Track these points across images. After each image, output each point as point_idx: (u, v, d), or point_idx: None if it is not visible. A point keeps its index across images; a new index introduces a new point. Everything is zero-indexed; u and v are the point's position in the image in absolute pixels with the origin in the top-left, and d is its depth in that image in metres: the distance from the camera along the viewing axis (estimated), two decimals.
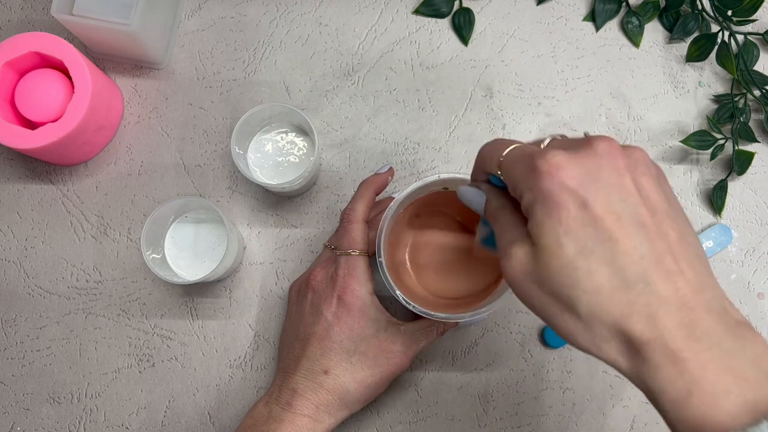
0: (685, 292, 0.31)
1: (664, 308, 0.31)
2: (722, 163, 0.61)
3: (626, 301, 0.31)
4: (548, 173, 0.32)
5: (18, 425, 0.58)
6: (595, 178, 0.32)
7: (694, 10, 0.62)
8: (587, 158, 0.33)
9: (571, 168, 0.32)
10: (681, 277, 0.32)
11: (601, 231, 0.31)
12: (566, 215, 0.32)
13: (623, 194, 0.32)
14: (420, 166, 0.61)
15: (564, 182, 0.32)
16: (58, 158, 0.59)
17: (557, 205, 0.32)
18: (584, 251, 0.31)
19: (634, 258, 0.31)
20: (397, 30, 0.63)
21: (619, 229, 0.31)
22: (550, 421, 0.58)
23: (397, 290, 0.49)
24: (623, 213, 0.32)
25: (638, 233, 0.32)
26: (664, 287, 0.31)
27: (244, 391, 0.58)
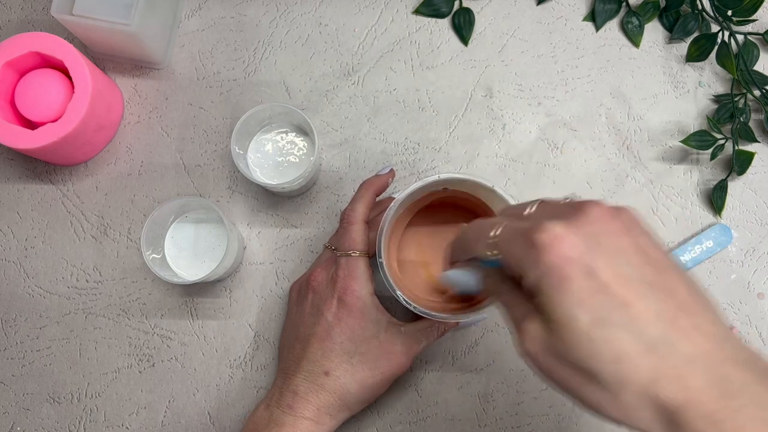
0: (707, 348, 0.30)
1: (691, 367, 0.30)
2: (722, 163, 0.61)
3: (651, 366, 0.30)
4: (549, 247, 0.31)
5: (18, 425, 0.58)
6: (596, 244, 0.31)
7: (694, 10, 0.62)
8: (583, 224, 0.32)
9: (571, 237, 0.31)
10: (699, 332, 0.31)
11: (613, 297, 0.30)
12: (575, 287, 0.31)
13: (626, 256, 0.32)
14: (420, 166, 0.61)
15: (567, 253, 0.31)
16: (58, 158, 0.59)
17: (564, 277, 0.31)
18: (599, 320, 0.30)
19: (650, 319, 0.30)
20: (397, 30, 0.63)
21: (630, 293, 0.31)
22: (550, 421, 0.58)
23: (397, 290, 0.49)
24: (631, 275, 0.31)
25: (648, 293, 0.31)
26: (686, 345, 0.30)
27: (244, 391, 0.58)
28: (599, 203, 0.33)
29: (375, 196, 0.54)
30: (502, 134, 0.62)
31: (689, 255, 0.59)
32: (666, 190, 0.61)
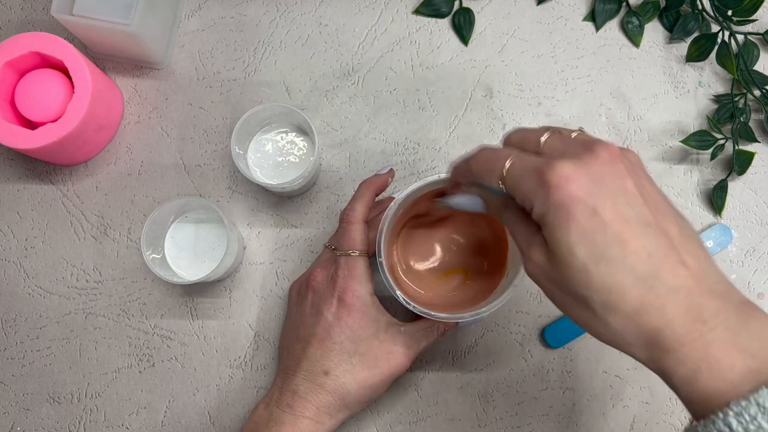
0: (690, 282, 0.34)
1: (671, 298, 0.33)
2: (722, 163, 0.61)
3: (638, 297, 0.33)
4: (557, 186, 0.34)
5: (18, 425, 0.58)
6: (601, 185, 0.34)
7: (694, 10, 0.62)
8: (591, 165, 0.34)
9: (579, 178, 0.34)
10: (684, 267, 0.34)
11: (611, 235, 0.33)
12: (577, 224, 0.34)
13: (628, 197, 0.34)
14: (420, 166, 0.61)
15: (574, 193, 0.34)
16: (58, 158, 0.59)
17: (568, 215, 0.34)
18: (596, 255, 0.33)
19: (642, 257, 0.33)
20: (397, 30, 0.63)
21: (627, 231, 0.34)
22: (550, 421, 0.58)
23: (397, 290, 0.48)
24: (630, 215, 0.34)
25: (645, 233, 0.34)
26: (671, 279, 0.33)
27: (244, 391, 0.58)
28: (608, 145, 0.35)
29: (374, 195, 0.54)
30: (502, 134, 0.62)
31: None
32: (666, 190, 0.61)
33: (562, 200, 0.34)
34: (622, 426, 0.58)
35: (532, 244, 0.37)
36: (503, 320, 0.59)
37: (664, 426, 0.58)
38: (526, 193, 0.36)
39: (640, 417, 0.58)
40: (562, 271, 0.35)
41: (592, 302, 0.34)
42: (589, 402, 0.58)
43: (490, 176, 0.38)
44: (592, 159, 0.35)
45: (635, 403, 0.58)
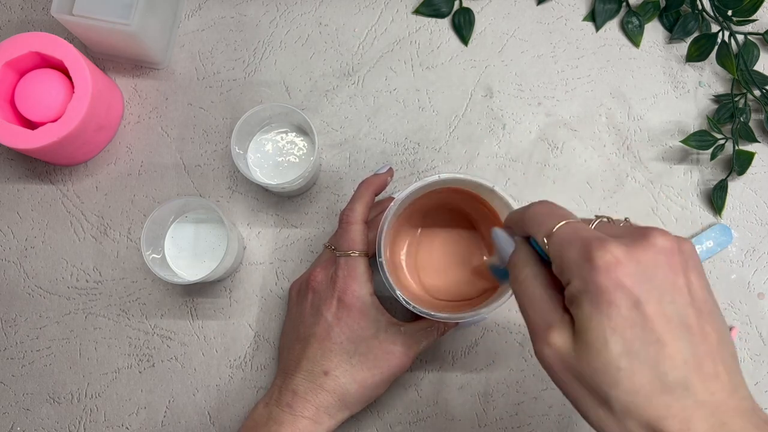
0: (720, 396, 0.31)
1: (699, 413, 0.31)
2: (722, 163, 0.61)
3: (664, 404, 0.31)
4: (605, 268, 0.31)
5: (18, 425, 0.58)
6: (650, 277, 0.32)
7: (694, 10, 0.62)
8: (644, 253, 0.32)
9: (629, 265, 0.32)
10: (717, 380, 0.32)
11: (650, 333, 0.31)
12: (617, 313, 0.31)
13: (675, 295, 0.32)
14: (420, 166, 0.61)
15: (620, 280, 0.31)
16: (58, 158, 0.59)
17: (609, 302, 0.31)
18: (630, 352, 0.31)
19: (677, 362, 0.31)
20: (397, 30, 0.63)
21: (667, 332, 0.31)
22: (550, 421, 0.58)
23: (397, 290, 0.48)
24: (673, 315, 0.32)
25: (684, 336, 0.32)
26: (701, 391, 0.31)
27: (244, 391, 0.58)
28: (665, 233, 0.33)
29: (374, 195, 0.54)
30: (502, 134, 0.62)
31: None
32: (666, 190, 0.61)
33: (606, 284, 0.31)
34: None
35: (554, 325, 0.34)
36: (503, 320, 0.59)
37: None
38: (567, 263, 0.33)
39: None
40: (588, 362, 0.32)
41: (613, 401, 0.31)
42: None
43: (538, 227, 0.36)
44: (647, 246, 0.32)
45: None
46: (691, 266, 0.33)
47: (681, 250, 0.33)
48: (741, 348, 0.59)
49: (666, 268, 0.32)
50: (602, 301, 0.31)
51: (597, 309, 0.31)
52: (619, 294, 0.31)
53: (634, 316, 0.31)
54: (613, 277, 0.31)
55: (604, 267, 0.32)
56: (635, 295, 0.31)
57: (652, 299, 0.31)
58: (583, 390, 0.33)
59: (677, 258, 0.33)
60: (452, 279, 0.55)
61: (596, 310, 0.32)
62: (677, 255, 0.33)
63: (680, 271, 0.33)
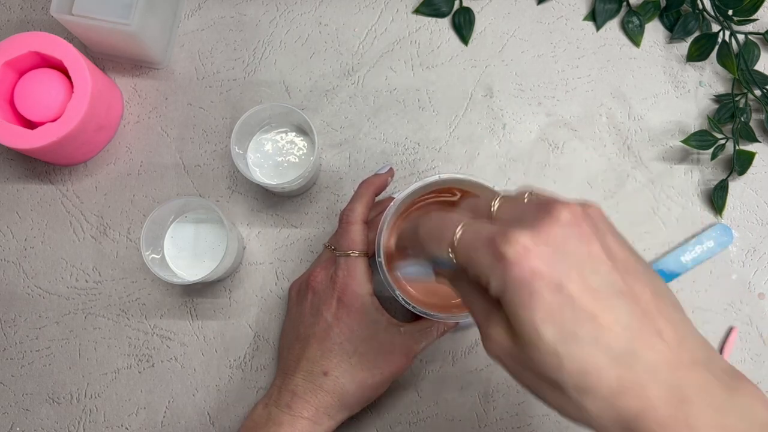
0: (668, 354, 0.30)
1: (651, 376, 0.30)
2: (723, 163, 0.61)
3: (615, 377, 0.30)
4: (516, 261, 0.30)
5: (18, 425, 0.58)
6: (564, 254, 0.30)
7: (695, 10, 0.62)
8: (551, 231, 0.31)
9: (539, 250, 0.30)
10: (661, 338, 0.31)
11: (580, 311, 0.30)
12: (541, 302, 0.30)
13: (595, 264, 0.31)
14: (420, 166, 0.61)
15: (535, 267, 0.30)
16: (57, 158, 0.59)
17: (531, 293, 0.30)
18: (566, 335, 0.30)
19: (617, 332, 0.30)
20: (397, 30, 0.63)
21: (597, 305, 0.30)
22: (550, 421, 0.58)
23: (396, 290, 0.48)
24: (599, 285, 0.30)
25: (617, 304, 0.30)
26: (649, 354, 0.30)
27: (244, 391, 0.58)
28: (567, 205, 0.32)
29: (374, 195, 0.54)
30: (502, 134, 0.62)
31: (690, 255, 0.59)
32: (667, 190, 0.61)
33: (522, 276, 0.30)
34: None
35: (491, 322, 0.33)
36: None
37: None
38: (480, 268, 0.32)
39: None
40: (529, 353, 0.31)
41: (565, 386, 0.30)
42: None
43: (438, 245, 0.34)
44: (552, 223, 0.31)
45: None
46: (602, 230, 0.32)
47: (587, 217, 0.32)
48: (741, 348, 0.59)
49: (577, 241, 0.31)
50: (524, 295, 0.30)
51: (521, 303, 0.30)
52: (537, 282, 0.30)
53: (559, 298, 0.30)
54: (526, 267, 0.30)
55: (515, 259, 0.30)
56: (555, 279, 0.30)
57: (573, 276, 0.30)
58: (535, 378, 0.32)
59: (586, 226, 0.31)
60: None
61: (521, 304, 0.30)
62: (585, 223, 0.31)
63: (593, 239, 0.31)
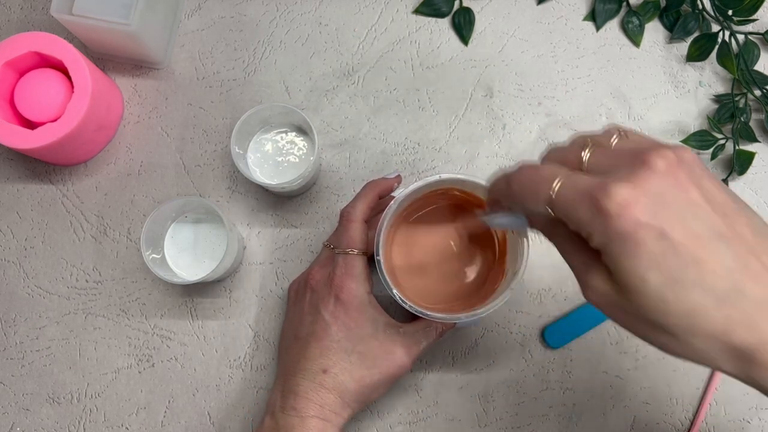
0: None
1: (761, 311, 0.31)
2: (723, 163, 0.61)
3: (723, 317, 0.31)
4: (618, 214, 0.31)
5: (18, 425, 0.58)
6: (665, 203, 0.31)
7: (695, 10, 0.62)
8: (650, 182, 0.31)
9: (640, 200, 0.31)
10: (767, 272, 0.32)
11: (685, 256, 0.31)
12: (646, 252, 0.31)
13: (695, 210, 0.32)
14: (420, 166, 0.61)
15: (638, 219, 0.31)
16: (57, 158, 0.59)
17: (635, 243, 0.31)
18: (670, 281, 0.31)
19: (721, 273, 0.31)
20: (397, 30, 0.63)
21: (701, 249, 0.31)
22: (550, 421, 0.58)
23: (394, 289, 0.48)
24: (701, 230, 0.31)
25: (719, 247, 0.31)
26: (756, 290, 0.31)
27: (244, 391, 0.58)
28: (661, 153, 0.32)
29: (377, 197, 0.54)
30: (502, 134, 0.62)
31: None
32: None
33: (626, 228, 0.31)
34: (622, 426, 0.58)
35: (592, 271, 0.34)
36: (503, 320, 0.59)
37: (664, 426, 0.58)
38: (580, 222, 0.33)
39: (640, 417, 0.58)
40: (634, 300, 0.32)
41: (672, 328, 0.32)
42: (589, 402, 0.58)
43: (535, 200, 0.35)
44: (649, 174, 0.31)
45: (635, 403, 0.58)
46: (698, 175, 0.33)
47: (682, 163, 0.32)
48: None
49: (675, 189, 0.32)
50: (629, 246, 0.31)
51: (626, 254, 0.31)
52: (641, 232, 0.31)
53: (664, 246, 0.31)
54: (629, 219, 0.31)
55: (617, 213, 0.31)
56: (657, 228, 0.31)
57: (676, 224, 0.31)
58: (639, 322, 0.33)
59: (682, 173, 0.32)
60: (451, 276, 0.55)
61: (625, 255, 0.31)
62: (681, 170, 0.32)
63: (691, 185, 0.32)
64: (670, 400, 0.58)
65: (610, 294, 0.33)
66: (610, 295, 0.33)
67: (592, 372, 0.58)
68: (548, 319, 0.59)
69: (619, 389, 0.58)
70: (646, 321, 0.32)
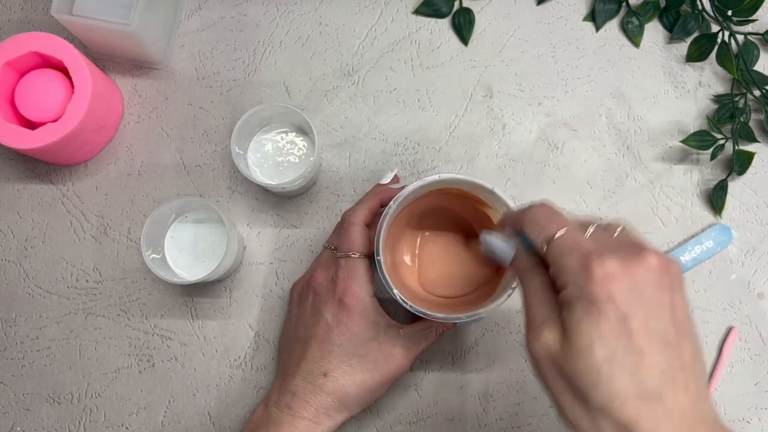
0: (686, 406, 0.34)
1: (666, 420, 0.34)
2: (722, 163, 0.61)
3: (636, 409, 0.34)
4: (601, 280, 0.34)
5: (18, 425, 0.58)
6: (640, 294, 0.34)
7: (694, 10, 0.62)
8: (637, 270, 0.35)
9: (623, 280, 0.34)
10: (686, 392, 0.35)
11: (633, 344, 0.34)
12: (606, 323, 0.34)
13: (660, 312, 0.35)
14: (420, 166, 0.61)
15: (612, 293, 0.34)
16: (58, 158, 0.59)
17: (600, 312, 0.34)
18: (613, 359, 0.34)
19: (654, 372, 0.34)
20: (397, 30, 0.63)
21: (648, 345, 0.34)
22: (550, 421, 0.58)
23: (394, 289, 0.48)
24: (655, 330, 0.35)
25: (663, 350, 0.35)
26: (671, 400, 0.34)
27: (244, 391, 0.58)
28: (657, 253, 0.36)
29: (380, 203, 0.54)
30: (502, 134, 0.62)
31: (689, 255, 0.59)
32: (666, 190, 0.61)
33: (600, 295, 0.34)
34: None
35: (547, 323, 0.36)
36: (503, 320, 0.59)
37: None
38: (565, 270, 0.36)
39: None
40: (572, 362, 0.35)
41: (591, 401, 0.34)
42: None
43: (538, 233, 0.38)
44: (641, 264, 0.35)
45: None
46: (676, 287, 0.36)
47: (670, 271, 0.36)
48: (741, 348, 0.59)
49: (655, 287, 0.35)
50: (593, 310, 0.34)
51: (588, 316, 0.34)
52: (610, 306, 0.34)
53: (621, 327, 0.34)
54: (606, 289, 0.34)
55: (600, 279, 0.34)
56: (624, 310, 0.34)
57: (639, 314, 0.34)
58: (565, 386, 0.36)
59: (666, 278, 0.35)
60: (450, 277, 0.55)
61: (587, 317, 0.34)
62: (666, 275, 0.35)
63: (667, 291, 0.35)
64: None
65: (554, 349, 0.36)
66: (553, 351, 0.36)
67: None
68: None
69: None
70: (573, 387, 0.35)
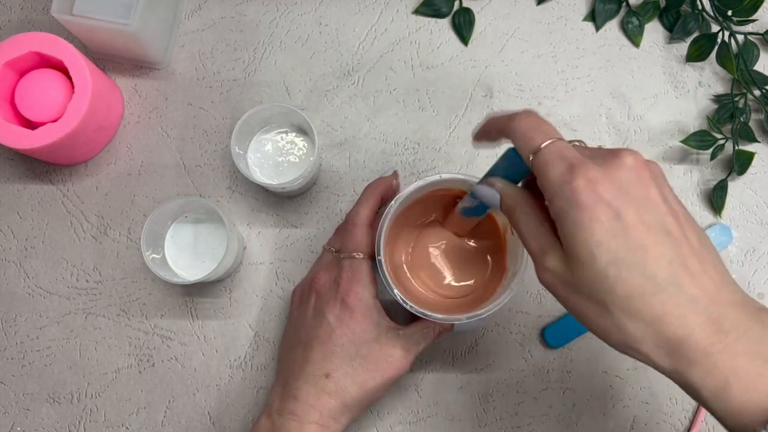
0: (710, 290, 0.34)
1: (692, 307, 0.33)
2: (722, 163, 0.61)
3: (659, 303, 0.33)
4: (585, 186, 0.34)
5: (18, 425, 0.58)
6: (626, 191, 0.34)
7: (695, 10, 0.62)
8: (618, 171, 0.35)
9: (606, 183, 0.34)
10: (705, 276, 0.34)
11: (633, 240, 0.34)
12: (600, 227, 0.34)
13: (651, 205, 0.35)
14: (420, 166, 0.61)
15: (600, 195, 0.34)
16: (58, 158, 0.59)
17: (592, 217, 0.34)
18: (617, 260, 0.34)
19: (662, 263, 0.34)
20: (397, 30, 0.63)
21: (649, 238, 0.34)
22: (550, 421, 0.58)
23: (395, 289, 0.48)
24: (652, 222, 0.34)
25: (666, 240, 0.34)
26: (692, 287, 0.34)
27: (244, 391, 0.58)
28: (633, 152, 0.36)
29: (380, 198, 0.54)
30: None
31: None
32: None
33: (588, 200, 0.34)
34: (622, 426, 0.58)
35: (547, 250, 0.37)
36: (503, 320, 0.59)
37: (664, 426, 0.58)
38: (551, 180, 0.36)
39: (640, 417, 0.58)
40: (581, 275, 0.35)
41: (611, 307, 0.34)
42: (589, 402, 0.58)
43: (526, 143, 0.38)
44: (620, 165, 0.35)
45: (635, 403, 0.58)
46: (661, 182, 0.36)
47: (648, 167, 0.36)
48: None
49: (637, 183, 0.35)
50: (584, 218, 0.34)
51: (580, 226, 0.34)
52: (600, 208, 0.34)
53: (616, 226, 0.34)
54: (593, 193, 0.34)
55: (585, 185, 0.34)
56: (615, 208, 0.34)
57: (631, 211, 0.34)
58: (583, 301, 0.35)
59: (646, 173, 0.35)
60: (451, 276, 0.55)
61: (580, 227, 0.34)
62: (646, 170, 0.36)
63: (653, 185, 0.35)
64: (670, 400, 0.58)
65: (561, 271, 0.36)
66: (561, 272, 0.36)
67: (592, 372, 0.58)
68: (548, 319, 0.59)
69: (618, 389, 0.58)
70: (591, 298, 0.35)
